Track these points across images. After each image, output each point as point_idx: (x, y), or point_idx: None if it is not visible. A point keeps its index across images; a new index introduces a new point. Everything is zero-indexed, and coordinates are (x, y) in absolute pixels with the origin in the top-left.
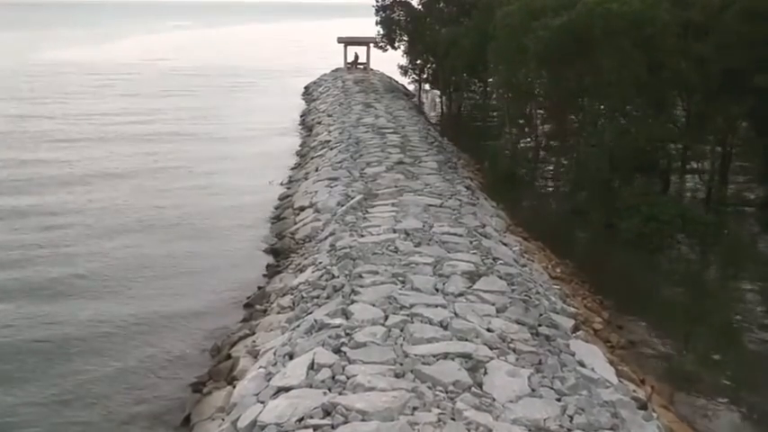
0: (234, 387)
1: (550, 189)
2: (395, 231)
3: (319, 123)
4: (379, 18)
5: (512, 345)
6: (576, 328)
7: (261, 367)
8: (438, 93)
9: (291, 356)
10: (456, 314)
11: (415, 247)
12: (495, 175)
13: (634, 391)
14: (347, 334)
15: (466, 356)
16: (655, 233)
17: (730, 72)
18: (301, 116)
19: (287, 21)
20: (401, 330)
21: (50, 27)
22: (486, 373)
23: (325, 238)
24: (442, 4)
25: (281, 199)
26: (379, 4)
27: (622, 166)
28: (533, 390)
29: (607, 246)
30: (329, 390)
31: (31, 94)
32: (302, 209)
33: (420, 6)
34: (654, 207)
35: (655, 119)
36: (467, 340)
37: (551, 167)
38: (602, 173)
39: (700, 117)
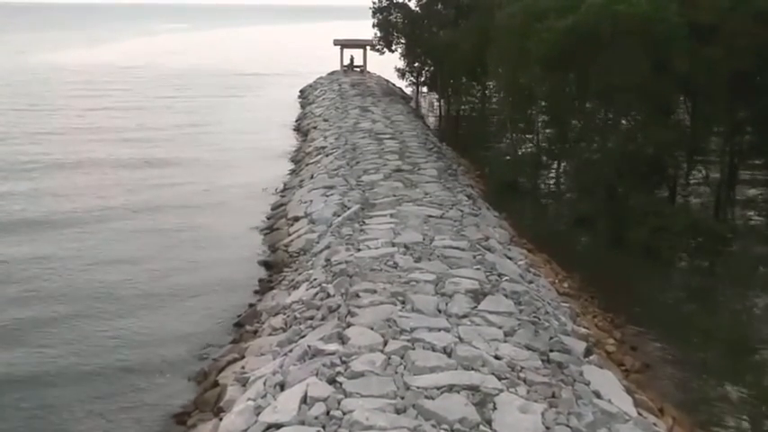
0: (220, 420)
1: (553, 197)
2: (393, 245)
3: (315, 128)
4: (376, 20)
5: (522, 374)
6: (588, 352)
7: (249, 399)
8: (436, 96)
9: (282, 387)
10: (460, 339)
11: (416, 262)
12: (496, 182)
13: (654, 424)
14: (343, 362)
15: (473, 389)
16: (664, 245)
17: (739, 75)
18: (297, 121)
19: (282, 23)
20: (401, 358)
21: (41, 30)
22: (495, 408)
23: (321, 251)
24: (440, 6)
25: (274, 208)
26: (376, 5)
27: (629, 173)
28: (548, 428)
29: (615, 258)
30: (323, 428)
31: (8, 107)
32: (296, 219)
33: (418, 8)
34: (663, 217)
35: (662, 124)
36: (473, 369)
37: (553, 174)
38: (609, 180)
39: (707, 121)
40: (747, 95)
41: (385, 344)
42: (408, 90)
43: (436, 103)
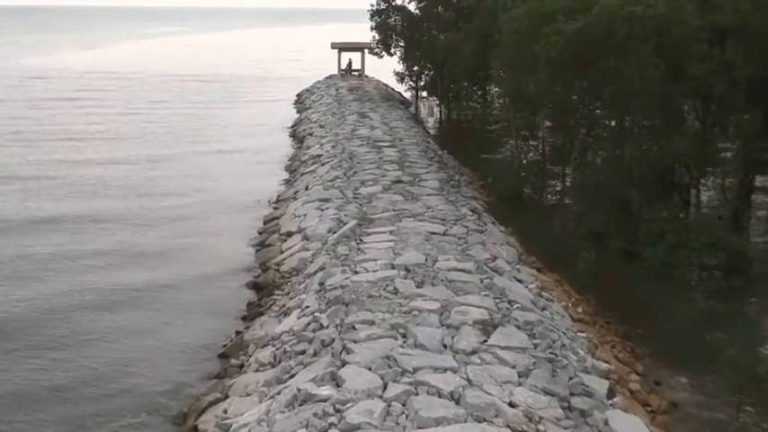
0: None
1: (561, 208)
2: (393, 267)
3: (311, 135)
4: (374, 23)
5: (541, 426)
6: (611, 393)
7: None
8: (436, 101)
9: None
10: (470, 381)
11: (418, 287)
12: (499, 192)
13: None
14: (337, 410)
15: None
16: (683, 262)
17: (758, 80)
18: (292, 127)
19: (279, 26)
20: (403, 405)
21: (34, 33)
22: None
23: (314, 273)
24: (440, 9)
25: (266, 222)
26: (374, 8)
27: (642, 185)
28: None
29: (629, 276)
30: None
31: None
32: (289, 234)
33: (417, 11)
34: (680, 233)
35: (678, 133)
36: (485, 421)
37: (559, 183)
38: (622, 193)
39: (723, 128)
40: (766, 102)
41: (384, 387)
42: (408, 95)
43: (436, 109)
